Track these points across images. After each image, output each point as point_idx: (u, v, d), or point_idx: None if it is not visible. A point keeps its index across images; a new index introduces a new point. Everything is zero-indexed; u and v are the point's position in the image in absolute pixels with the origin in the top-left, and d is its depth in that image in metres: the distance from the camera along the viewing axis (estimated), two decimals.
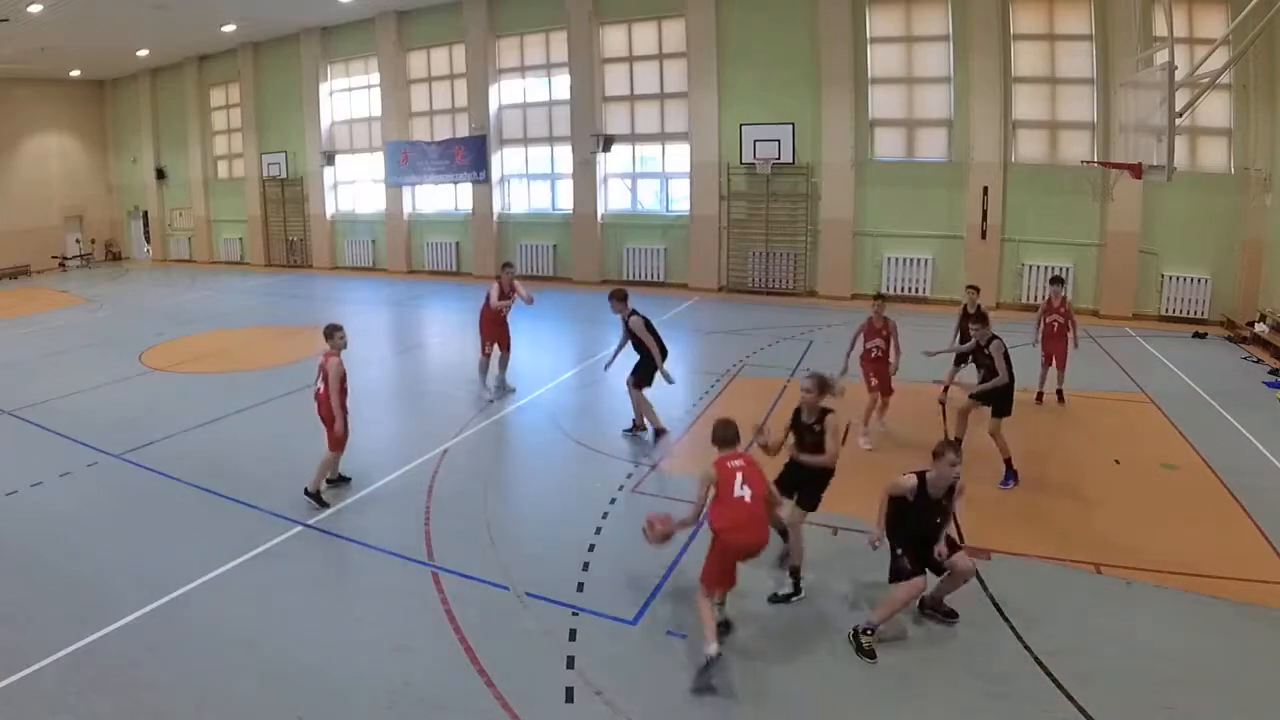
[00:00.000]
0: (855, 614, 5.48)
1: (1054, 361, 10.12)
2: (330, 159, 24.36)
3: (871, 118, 17.20)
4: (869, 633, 5.01)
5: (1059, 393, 10.19)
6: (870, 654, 4.94)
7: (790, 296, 18.02)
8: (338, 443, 7.35)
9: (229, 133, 27.18)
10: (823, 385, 5.79)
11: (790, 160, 17.44)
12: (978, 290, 10.17)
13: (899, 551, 5.13)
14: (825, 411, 5.74)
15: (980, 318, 9.57)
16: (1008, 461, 7.54)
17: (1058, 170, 15.71)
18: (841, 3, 16.72)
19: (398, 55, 22.51)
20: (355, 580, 6.13)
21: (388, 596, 5.84)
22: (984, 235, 16.28)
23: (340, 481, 7.69)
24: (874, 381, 8.80)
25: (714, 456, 5.10)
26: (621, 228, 20.20)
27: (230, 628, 5.40)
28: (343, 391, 7.25)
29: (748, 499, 4.88)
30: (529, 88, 21.17)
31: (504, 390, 10.82)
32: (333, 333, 7.36)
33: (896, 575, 5.09)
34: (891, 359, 8.81)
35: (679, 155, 19.25)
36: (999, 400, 7.65)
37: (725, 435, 5.18)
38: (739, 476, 4.91)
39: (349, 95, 24.27)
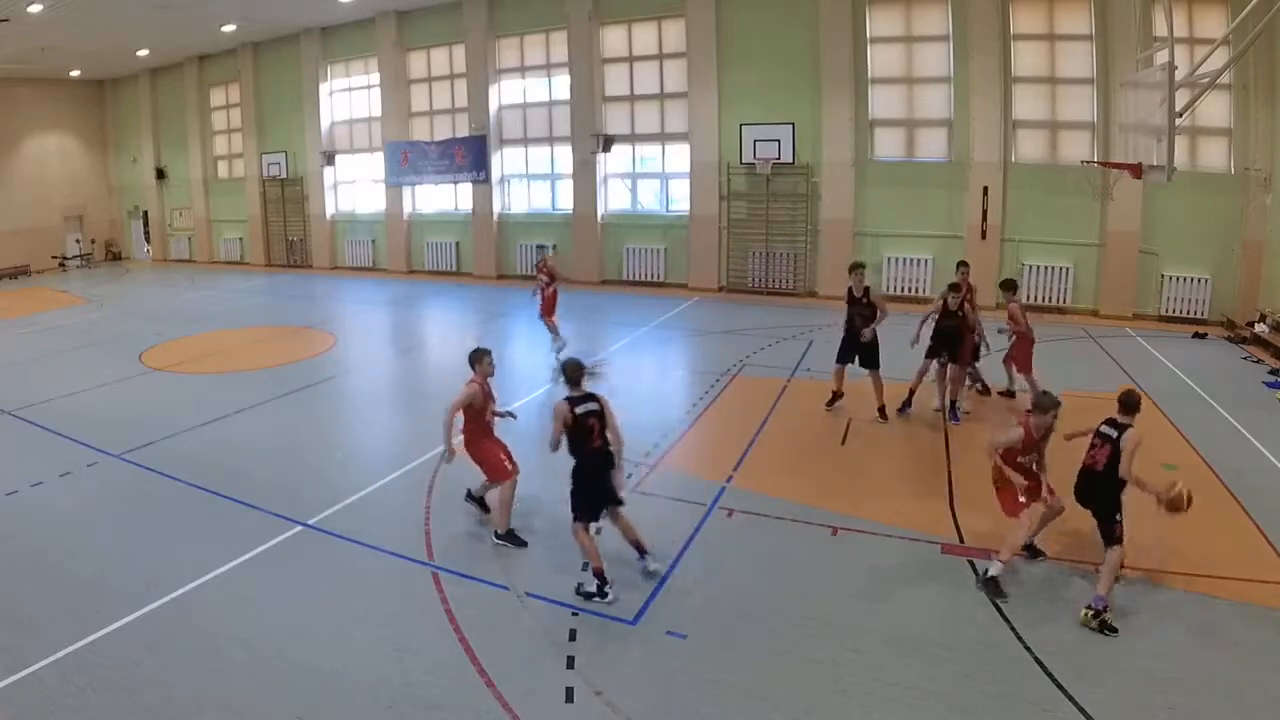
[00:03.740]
0: (855, 613, 5.48)
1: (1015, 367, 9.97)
2: (330, 159, 24.36)
3: (871, 118, 17.19)
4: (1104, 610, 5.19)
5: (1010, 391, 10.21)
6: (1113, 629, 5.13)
7: (790, 296, 18.02)
8: (488, 470, 6.76)
9: (229, 133, 27.16)
10: None
11: (790, 160, 17.42)
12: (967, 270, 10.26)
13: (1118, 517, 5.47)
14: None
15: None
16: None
17: (1058, 170, 15.69)
18: (841, 3, 16.71)
19: (398, 55, 22.50)
20: (355, 580, 6.12)
21: (388, 596, 5.85)
22: (984, 235, 16.27)
23: (479, 506, 7.06)
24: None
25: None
26: (621, 228, 20.20)
27: (230, 628, 5.40)
28: (469, 415, 6.66)
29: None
30: (529, 88, 21.16)
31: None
32: (479, 358, 6.82)
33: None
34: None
35: (679, 155, 19.25)
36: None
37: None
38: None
39: (349, 95, 24.27)
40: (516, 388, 11.25)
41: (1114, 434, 5.52)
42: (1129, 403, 5.60)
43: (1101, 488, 5.55)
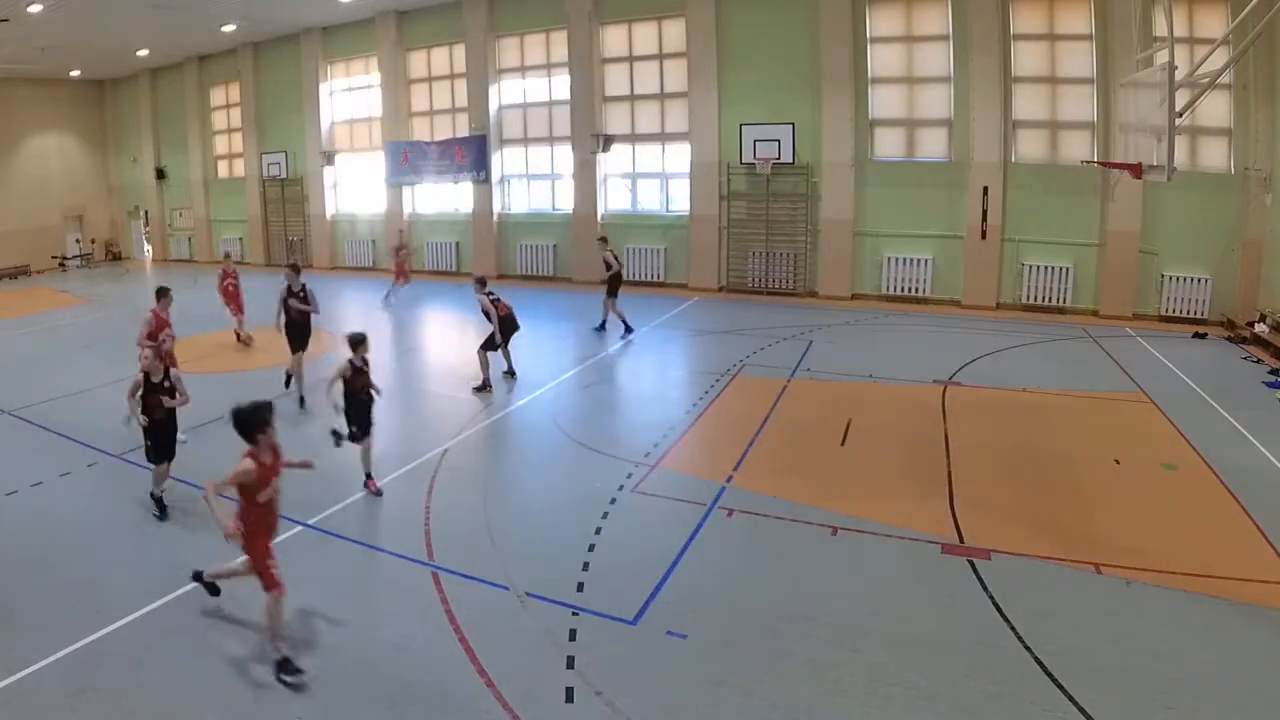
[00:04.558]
0: (855, 613, 5.48)
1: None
2: (330, 159, 24.37)
3: (871, 118, 17.19)
4: None
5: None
6: None
7: (790, 296, 18.01)
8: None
9: (229, 132, 27.17)
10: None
11: (790, 160, 17.42)
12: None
13: None
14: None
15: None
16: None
17: (1058, 170, 15.70)
18: (841, 2, 16.70)
19: (398, 55, 22.51)
20: (355, 580, 6.13)
21: (388, 596, 5.85)
22: (984, 235, 16.27)
23: None
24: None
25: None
26: (621, 228, 20.17)
27: (230, 627, 5.40)
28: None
29: None
30: (529, 88, 21.16)
31: None
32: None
33: None
34: None
35: (679, 155, 19.25)
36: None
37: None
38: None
39: (349, 95, 24.28)
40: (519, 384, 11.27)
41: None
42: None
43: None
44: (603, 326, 14.54)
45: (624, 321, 14.27)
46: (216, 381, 11.99)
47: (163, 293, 9.84)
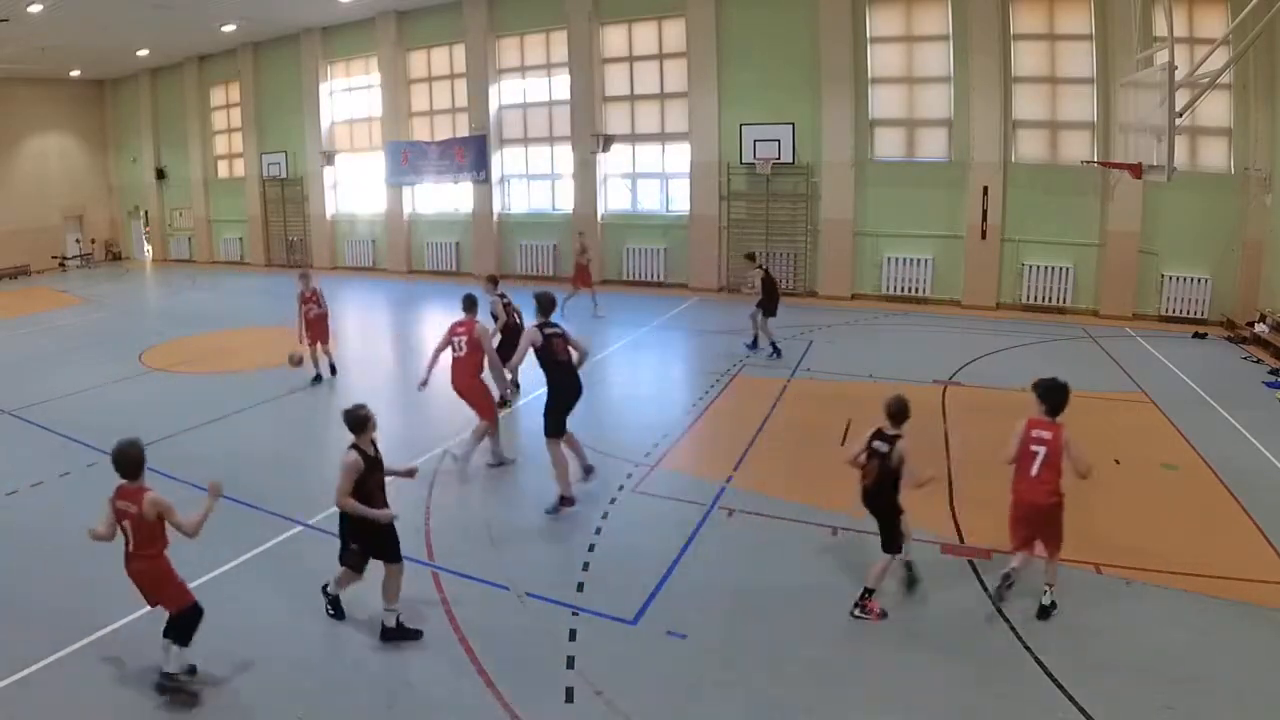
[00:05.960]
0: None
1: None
2: (330, 159, 24.37)
3: (871, 118, 17.19)
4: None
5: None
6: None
7: (790, 296, 17.95)
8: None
9: (229, 132, 27.17)
10: None
11: (790, 160, 17.42)
12: None
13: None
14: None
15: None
16: None
17: (1058, 170, 15.70)
18: (841, 3, 16.69)
19: (398, 55, 22.51)
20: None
21: None
22: (984, 235, 16.27)
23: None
24: None
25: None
26: (621, 228, 20.20)
27: (230, 627, 5.40)
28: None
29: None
30: (529, 88, 21.17)
31: None
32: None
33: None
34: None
35: (679, 155, 19.25)
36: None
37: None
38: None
39: (349, 95, 24.28)
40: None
41: (885, 449, 5.34)
42: (895, 412, 5.40)
43: (877, 499, 5.45)
44: (776, 350, 12.50)
45: (755, 337, 12.84)
46: (214, 381, 12.00)
47: (472, 304, 8.36)
